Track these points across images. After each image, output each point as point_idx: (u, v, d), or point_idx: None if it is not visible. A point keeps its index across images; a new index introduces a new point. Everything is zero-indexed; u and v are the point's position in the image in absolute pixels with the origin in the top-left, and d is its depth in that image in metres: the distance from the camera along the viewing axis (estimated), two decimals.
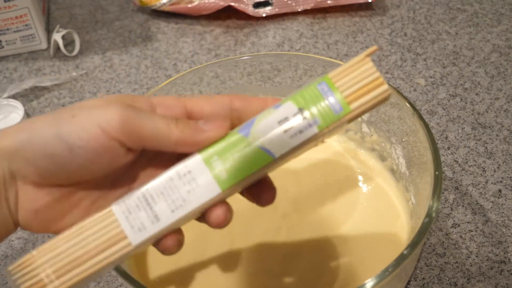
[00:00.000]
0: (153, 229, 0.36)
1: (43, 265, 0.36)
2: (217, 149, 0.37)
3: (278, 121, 0.36)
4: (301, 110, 0.36)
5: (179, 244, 0.38)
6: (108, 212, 0.36)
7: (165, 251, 0.38)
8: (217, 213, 0.37)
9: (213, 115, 0.38)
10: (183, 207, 0.36)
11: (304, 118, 0.36)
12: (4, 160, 0.35)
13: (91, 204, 0.38)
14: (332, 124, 0.36)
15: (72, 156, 0.34)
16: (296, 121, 0.36)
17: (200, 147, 0.36)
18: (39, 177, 0.35)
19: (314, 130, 0.36)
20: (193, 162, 0.36)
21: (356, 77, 0.36)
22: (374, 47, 0.37)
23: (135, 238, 0.36)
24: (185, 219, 0.37)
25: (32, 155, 0.34)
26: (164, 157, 0.38)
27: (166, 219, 0.36)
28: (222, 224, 0.37)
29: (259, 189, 0.39)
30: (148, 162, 0.39)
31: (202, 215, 0.38)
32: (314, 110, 0.36)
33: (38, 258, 0.36)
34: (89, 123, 0.34)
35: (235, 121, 0.38)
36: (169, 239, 0.37)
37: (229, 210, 0.37)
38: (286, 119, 0.36)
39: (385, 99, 0.37)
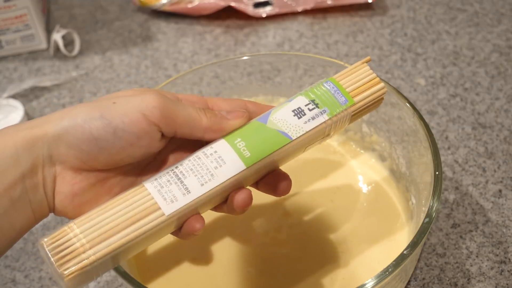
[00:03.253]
0: (184, 201, 0.38)
1: (78, 235, 0.37)
2: (239, 133, 0.41)
3: (292, 110, 0.41)
4: (312, 101, 0.41)
5: (203, 226, 0.40)
6: (141, 187, 0.39)
7: (190, 235, 0.39)
8: (242, 197, 0.40)
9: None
10: (212, 181, 0.39)
11: (315, 107, 0.41)
12: (45, 145, 0.36)
13: (121, 191, 0.40)
14: (339, 114, 0.42)
15: (115, 139, 0.37)
16: (308, 110, 0.41)
17: (225, 133, 0.40)
18: (79, 161, 0.37)
19: (325, 117, 0.41)
20: (219, 144, 0.40)
21: (356, 77, 0.43)
22: (368, 58, 0.44)
23: (168, 208, 0.38)
24: (212, 195, 0.39)
25: (75, 139, 0.36)
26: (184, 150, 0.42)
27: (197, 192, 0.39)
28: (246, 207, 0.40)
29: (275, 180, 0.42)
30: (168, 154, 0.42)
31: (225, 202, 0.41)
32: (323, 101, 0.42)
33: (73, 229, 0.37)
34: (130, 108, 0.37)
35: (247, 121, 0.42)
36: (196, 223, 0.39)
37: (251, 195, 0.40)
38: (299, 108, 0.41)
39: (382, 94, 0.43)
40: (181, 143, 0.42)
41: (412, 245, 0.44)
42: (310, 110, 0.41)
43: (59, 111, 0.38)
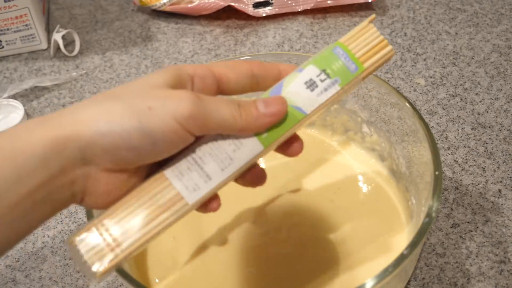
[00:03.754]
0: (206, 188, 0.39)
1: (105, 233, 0.37)
2: None
3: (304, 82, 0.41)
4: (323, 71, 0.41)
5: (220, 205, 0.41)
6: (161, 177, 0.39)
7: (209, 212, 0.41)
8: (258, 177, 0.41)
9: (237, 83, 0.41)
10: (232, 165, 0.39)
11: (327, 78, 0.41)
12: (77, 149, 0.35)
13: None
14: (350, 82, 0.41)
15: (154, 147, 0.37)
16: (320, 81, 0.41)
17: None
18: (114, 164, 0.37)
19: (337, 87, 0.41)
20: None
21: (364, 41, 0.42)
22: (373, 16, 0.43)
23: (191, 197, 0.38)
24: (232, 177, 0.40)
25: (112, 146, 0.36)
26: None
27: (217, 178, 0.39)
28: (263, 183, 0.42)
29: (288, 142, 0.42)
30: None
31: (242, 178, 0.41)
32: (334, 71, 0.41)
33: (100, 227, 0.37)
34: (166, 116, 0.36)
35: (254, 86, 0.42)
36: (214, 203, 0.40)
37: (265, 173, 0.42)
38: (311, 80, 0.41)
39: (390, 57, 0.43)
40: None
41: (412, 245, 0.44)
42: (322, 81, 0.41)
43: (88, 104, 0.37)
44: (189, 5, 0.80)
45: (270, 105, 0.39)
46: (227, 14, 0.81)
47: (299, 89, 0.40)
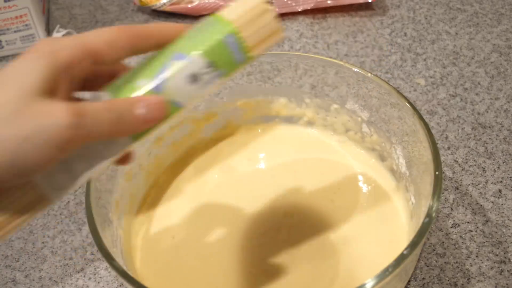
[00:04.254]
0: (72, 187, 0.38)
1: None
2: None
3: (188, 76, 0.38)
4: (210, 63, 0.38)
5: (132, 161, 0.43)
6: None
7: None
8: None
9: (116, 57, 0.39)
10: (102, 162, 0.38)
11: (212, 71, 0.38)
12: None
13: None
14: (234, 72, 0.40)
15: (26, 177, 0.35)
16: (204, 74, 0.38)
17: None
18: None
19: (221, 79, 0.39)
20: None
21: (260, 29, 0.39)
22: None
23: (55, 195, 0.37)
24: (104, 165, 0.39)
25: None
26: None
27: (86, 174, 0.38)
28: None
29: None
30: None
31: None
32: (220, 62, 0.39)
33: None
34: (43, 146, 0.34)
35: (135, 53, 0.39)
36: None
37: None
38: (196, 74, 0.38)
39: (280, 41, 0.41)
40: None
41: (412, 245, 0.44)
42: (207, 74, 0.38)
43: None
44: (189, 5, 0.80)
45: (151, 112, 0.38)
46: None
47: (181, 84, 0.38)
